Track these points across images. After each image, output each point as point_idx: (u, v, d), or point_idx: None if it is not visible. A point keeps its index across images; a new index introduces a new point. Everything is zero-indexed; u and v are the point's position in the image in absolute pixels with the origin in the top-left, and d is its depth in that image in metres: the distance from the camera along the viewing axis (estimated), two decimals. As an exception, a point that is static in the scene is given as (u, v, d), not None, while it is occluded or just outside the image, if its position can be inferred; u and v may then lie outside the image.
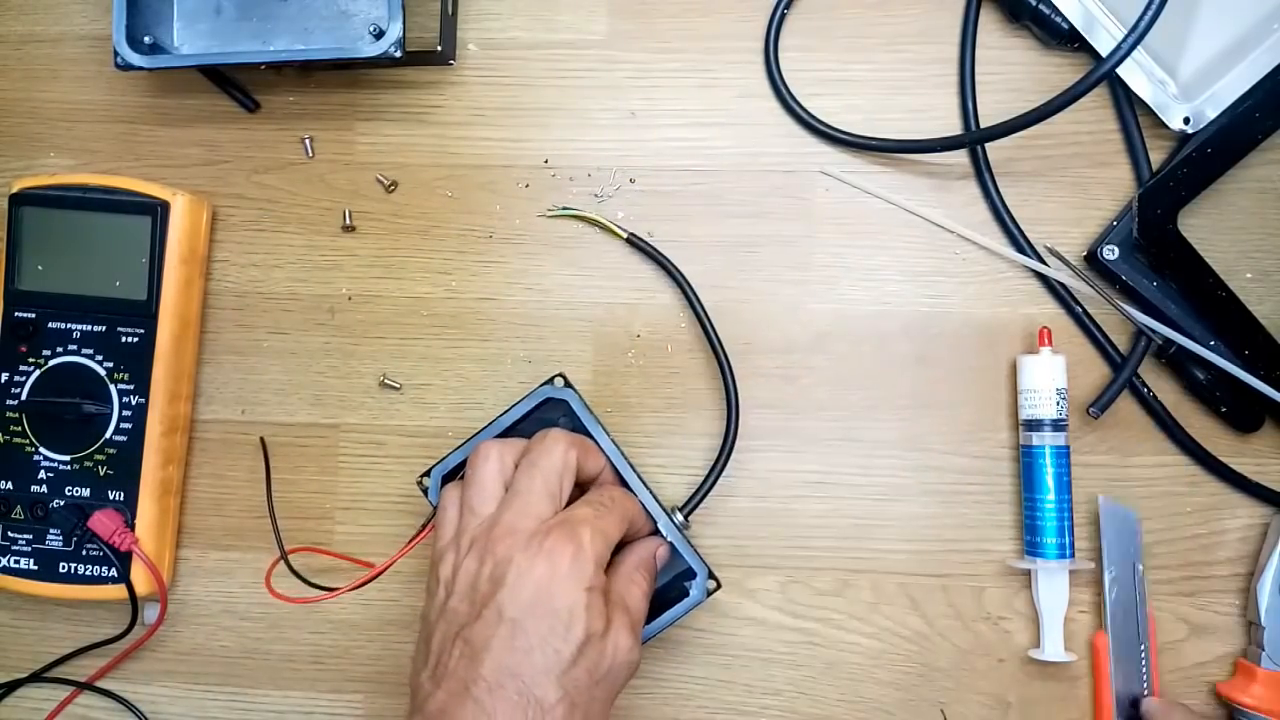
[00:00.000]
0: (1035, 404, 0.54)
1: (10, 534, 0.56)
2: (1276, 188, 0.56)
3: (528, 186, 0.58)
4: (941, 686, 0.56)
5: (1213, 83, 0.54)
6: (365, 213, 0.59)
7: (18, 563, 0.56)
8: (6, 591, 0.57)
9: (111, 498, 0.55)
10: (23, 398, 0.56)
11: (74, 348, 0.56)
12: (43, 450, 0.56)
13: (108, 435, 0.56)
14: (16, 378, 0.56)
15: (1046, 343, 0.54)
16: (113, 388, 0.56)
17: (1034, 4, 0.55)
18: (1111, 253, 0.55)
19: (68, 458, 0.56)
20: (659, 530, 0.50)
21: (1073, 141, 0.57)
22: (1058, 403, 0.54)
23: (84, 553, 0.56)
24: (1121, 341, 0.56)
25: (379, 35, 0.55)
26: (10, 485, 0.56)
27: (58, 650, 0.59)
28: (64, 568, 0.56)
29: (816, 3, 0.58)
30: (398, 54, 0.53)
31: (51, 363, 0.56)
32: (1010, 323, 0.57)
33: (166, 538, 0.57)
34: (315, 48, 0.57)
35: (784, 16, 0.57)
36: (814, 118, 0.57)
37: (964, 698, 0.56)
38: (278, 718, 0.58)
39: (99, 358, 0.56)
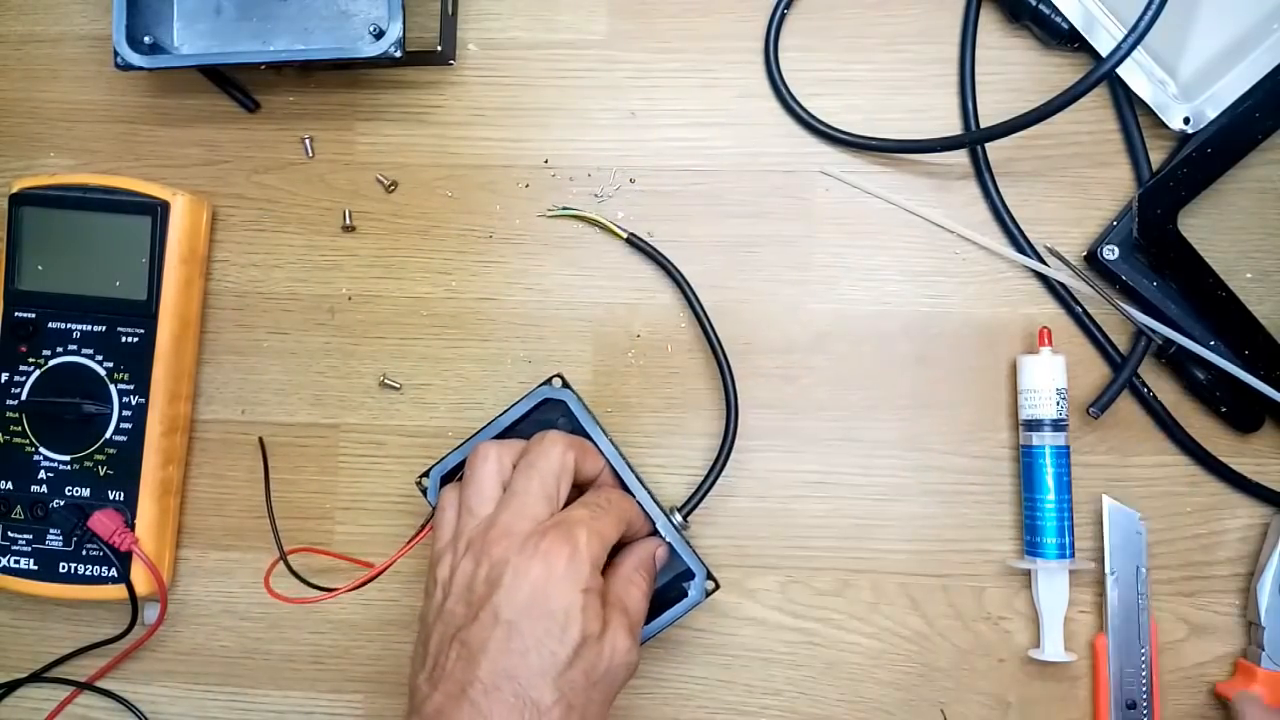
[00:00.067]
0: (1035, 404, 0.54)
1: (10, 534, 0.56)
2: (1276, 188, 0.56)
3: (528, 186, 0.58)
4: (941, 686, 0.56)
5: (1213, 83, 0.54)
6: (365, 213, 0.59)
7: (18, 563, 0.56)
8: (6, 591, 0.57)
9: (111, 498, 0.55)
10: (23, 398, 0.56)
11: (74, 348, 0.56)
12: (43, 450, 0.56)
13: (108, 435, 0.56)
14: (16, 378, 0.56)
15: (1046, 343, 0.54)
16: (113, 388, 0.56)
17: (1034, 4, 0.55)
18: (1111, 253, 0.55)
19: (68, 458, 0.56)
20: (658, 531, 0.50)
21: (1073, 141, 0.57)
22: (1058, 403, 0.54)
23: (84, 553, 0.56)
24: (1121, 341, 0.56)
25: (379, 35, 0.55)
26: (10, 485, 0.56)
27: (58, 650, 0.59)
28: (64, 568, 0.56)
29: (816, 3, 0.58)
30: (398, 54, 0.53)
31: (51, 363, 0.56)
32: (1010, 323, 0.57)
33: (166, 538, 0.57)
34: (315, 48, 0.57)
35: (784, 16, 0.57)
36: (814, 118, 0.57)
37: (964, 698, 0.56)
38: (278, 718, 0.58)
39: (99, 358, 0.56)
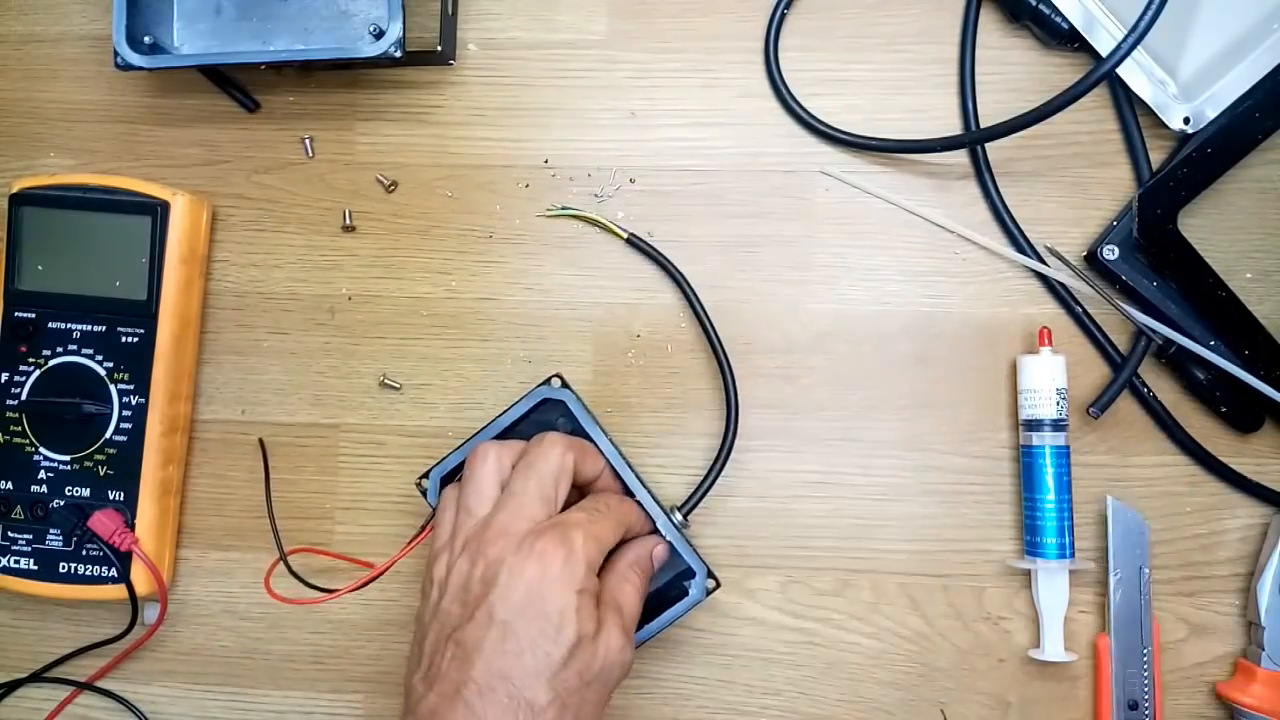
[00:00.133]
0: (1035, 404, 0.54)
1: (10, 534, 0.56)
2: (1276, 188, 0.56)
3: (528, 186, 0.58)
4: (941, 686, 0.56)
5: (1213, 83, 0.54)
6: (365, 213, 0.59)
7: (18, 563, 0.56)
8: (6, 591, 0.57)
9: (111, 498, 0.55)
10: (23, 398, 0.56)
11: (74, 348, 0.56)
12: (43, 450, 0.56)
13: (108, 435, 0.56)
14: (16, 378, 0.56)
15: (1046, 343, 0.54)
16: (113, 388, 0.56)
17: (1034, 4, 0.55)
18: (1111, 253, 0.55)
19: (68, 458, 0.56)
20: (658, 530, 0.50)
21: (1073, 141, 0.57)
22: (1058, 403, 0.54)
23: (84, 553, 0.56)
24: (1121, 341, 0.56)
25: (379, 35, 0.55)
26: (10, 485, 0.56)
27: (58, 650, 0.59)
28: (64, 568, 0.56)
29: (816, 3, 0.58)
30: (398, 54, 0.53)
31: (51, 363, 0.56)
32: (1010, 323, 0.57)
33: (166, 538, 0.57)
34: (315, 48, 0.57)
35: (784, 16, 0.57)
36: (814, 118, 0.57)
37: (964, 698, 0.56)
38: (278, 718, 0.58)
39: (99, 358, 0.56)
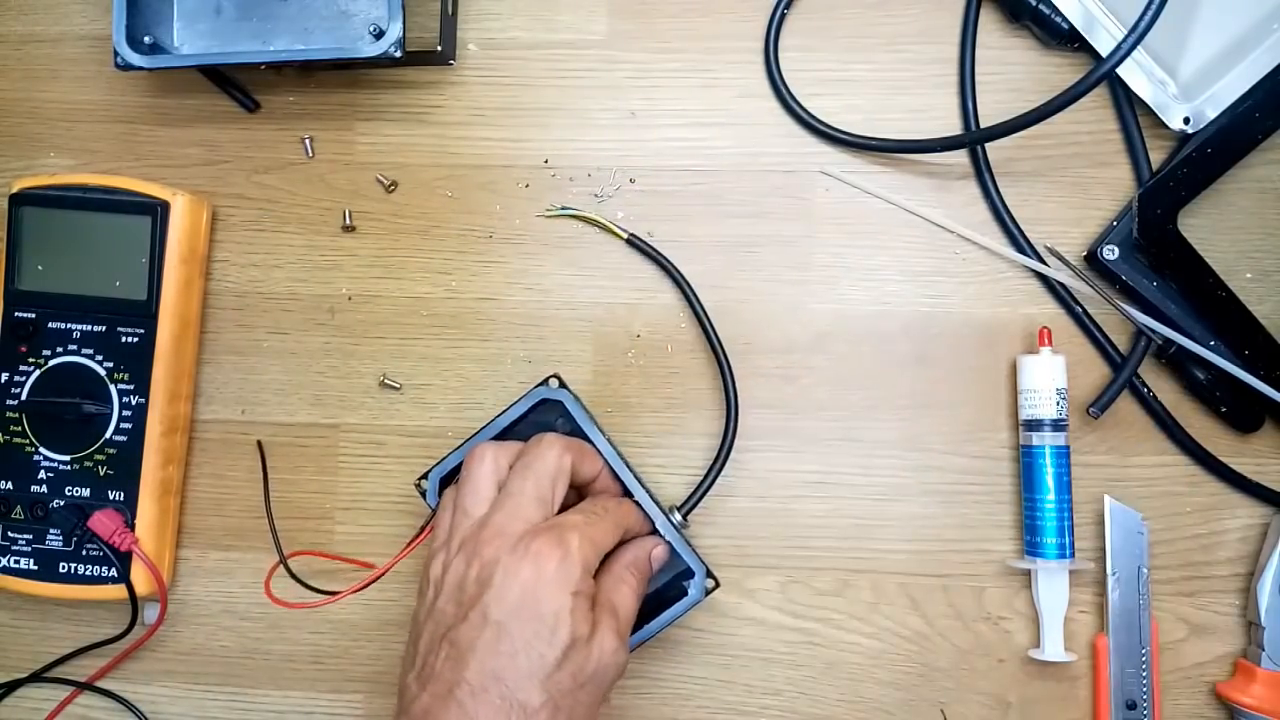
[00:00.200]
0: (1035, 404, 0.54)
1: (10, 534, 0.56)
2: (1276, 188, 0.56)
3: (528, 186, 0.58)
4: (941, 686, 0.56)
5: (1213, 83, 0.54)
6: (365, 213, 0.59)
7: (18, 563, 0.56)
8: (6, 591, 0.57)
9: (111, 498, 0.55)
10: (23, 398, 0.56)
11: (74, 348, 0.56)
12: (43, 450, 0.56)
13: (108, 435, 0.56)
14: (16, 378, 0.56)
15: (1046, 343, 0.54)
16: (113, 388, 0.56)
17: (1034, 4, 0.55)
18: (1111, 253, 0.55)
19: (68, 458, 0.56)
20: (657, 531, 0.50)
21: (1073, 141, 0.57)
22: (1058, 403, 0.54)
23: (84, 553, 0.56)
24: (1121, 341, 0.56)
25: (379, 35, 0.55)
26: (10, 485, 0.56)
27: (58, 650, 0.59)
28: (64, 568, 0.56)
29: (816, 3, 0.58)
30: (398, 54, 0.53)
31: (51, 363, 0.56)
32: (1010, 323, 0.57)
33: (166, 538, 0.57)
34: (315, 48, 0.57)
35: (784, 16, 0.57)
36: (814, 118, 0.57)
37: (964, 698, 0.56)
38: (278, 718, 0.58)
39: (99, 358, 0.56)
